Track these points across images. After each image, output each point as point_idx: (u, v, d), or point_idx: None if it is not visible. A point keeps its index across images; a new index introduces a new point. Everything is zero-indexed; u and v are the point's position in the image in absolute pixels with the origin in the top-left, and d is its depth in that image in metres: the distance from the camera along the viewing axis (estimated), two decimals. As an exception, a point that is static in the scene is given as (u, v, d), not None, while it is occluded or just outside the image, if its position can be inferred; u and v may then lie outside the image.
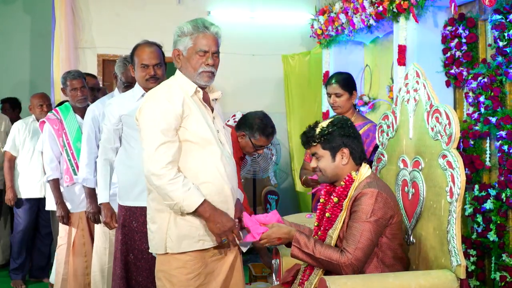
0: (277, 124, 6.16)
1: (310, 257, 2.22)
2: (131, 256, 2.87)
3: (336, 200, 2.30)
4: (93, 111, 3.46)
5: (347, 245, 2.17)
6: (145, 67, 2.88)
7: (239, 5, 6.06)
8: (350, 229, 2.19)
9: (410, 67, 2.53)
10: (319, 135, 2.31)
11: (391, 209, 2.22)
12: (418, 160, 2.41)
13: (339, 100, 3.24)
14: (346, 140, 2.30)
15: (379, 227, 2.19)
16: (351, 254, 2.14)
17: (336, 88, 3.24)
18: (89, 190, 3.40)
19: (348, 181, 2.30)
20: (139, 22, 5.79)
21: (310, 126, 2.39)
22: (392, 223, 2.24)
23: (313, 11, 5.49)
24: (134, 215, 2.86)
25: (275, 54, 6.12)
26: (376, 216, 2.17)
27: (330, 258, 2.17)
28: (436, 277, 2.14)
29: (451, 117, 2.20)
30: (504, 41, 3.07)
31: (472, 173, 3.34)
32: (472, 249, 3.32)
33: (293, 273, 2.51)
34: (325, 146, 2.31)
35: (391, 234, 2.24)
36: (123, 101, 2.99)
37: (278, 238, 2.32)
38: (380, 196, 2.19)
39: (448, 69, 3.62)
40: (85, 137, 3.43)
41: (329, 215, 2.32)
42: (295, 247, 2.26)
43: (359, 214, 2.18)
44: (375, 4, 4.04)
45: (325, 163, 2.33)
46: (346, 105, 3.26)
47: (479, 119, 3.29)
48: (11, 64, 6.57)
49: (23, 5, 6.63)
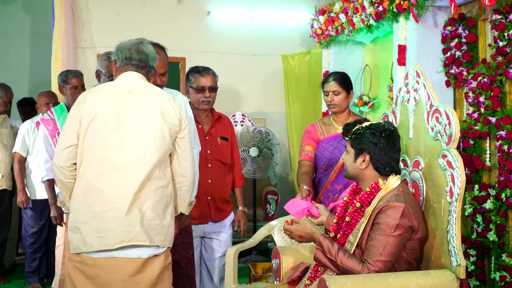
0: (277, 124, 6.26)
1: (332, 263, 2.23)
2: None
3: (359, 206, 2.29)
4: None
5: (368, 257, 2.17)
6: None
7: (239, 5, 6.06)
8: (373, 241, 2.17)
9: (410, 67, 2.53)
10: (353, 132, 2.34)
11: (415, 225, 2.19)
12: (418, 160, 2.41)
13: (337, 98, 3.24)
14: (372, 147, 2.28)
15: (402, 241, 2.18)
16: (374, 266, 2.14)
17: (334, 85, 3.24)
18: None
19: (374, 188, 2.28)
20: (139, 22, 5.79)
21: (356, 120, 2.41)
22: (414, 238, 2.22)
23: (313, 11, 5.49)
24: None
25: (275, 54, 6.13)
26: (400, 231, 2.16)
27: (351, 268, 2.17)
28: (436, 277, 2.14)
29: (451, 117, 2.20)
30: (504, 41, 3.07)
31: (472, 173, 3.34)
32: (472, 249, 3.32)
33: (299, 271, 2.51)
34: (353, 145, 2.34)
35: (410, 249, 2.23)
36: None
37: (300, 236, 2.35)
38: (407, 211, 2.17)
39: (448, 69, 3.62)
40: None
41: (349, 220, 2.31)
42: (319, 251, 2.27)
43: (382, 227, 2.16)
44: (375, 4, 4.04)
45: (349, 160, 2.36)
46: (343, 104, 3.26)
47: (479, 119, 3.29)
48: (11, 64, 6.58)
49: (23, 5, 6.63)
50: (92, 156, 2.31)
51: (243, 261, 5.06)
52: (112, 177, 2.29)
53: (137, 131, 2.34)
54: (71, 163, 2.33)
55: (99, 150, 2.30)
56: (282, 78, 6.21)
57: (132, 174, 2.30)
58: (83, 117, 2.31)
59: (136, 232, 2.27)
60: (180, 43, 5.83)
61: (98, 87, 2.51)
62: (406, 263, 2.23)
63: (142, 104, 2.37)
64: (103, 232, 2.26)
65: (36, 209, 4.58)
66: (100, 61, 3.30)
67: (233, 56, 5.97)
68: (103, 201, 2.28)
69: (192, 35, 5.99)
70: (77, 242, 2.29)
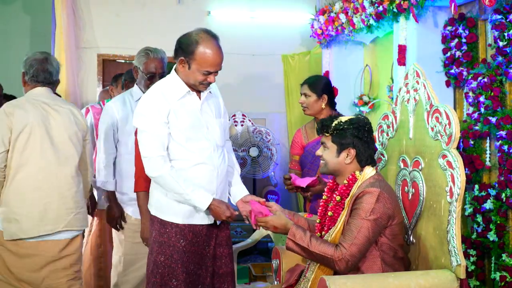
0: (277, 124, 6.25)
1: (304, 250, 2.24)
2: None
3: (339, 199, 2.32)
4: (111, 108, 3.25)
5: (343, 240, 2.19)
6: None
7: (239, 5, 6.05)
8: (349, 225, 2.21)
9: (410, 67, 2.54)
10: (334, 128, 2.34)
11: (391, 210, 2.23)
12: (418, 160, 2.41)
13: (306, 100, 3.34)
14: (357, 141, 2.32)
15: (377, 226, 2.19)
16: (346, 249, 2.16)
17: (304, 88, 3.36)
18: (109, 193, 3.25)
19: (351, 180, 2.32)
20: (139, 22, 5.79)
21: (331, 116, 2.42)
22: (393, 224, 2.24)
23: (313, 11, 5.49)
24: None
25: (275, 54, 6.12)
26: (376, 215, 2.18)
27: (324, 253, 2.18)
28: (436, 277, 2.15)
29: (451, 117, 2.21)
30: (504, 41, 3.07)
31: (472, 173, 3.34)
32: (472, 249, 3.32)
33: (296, 275, 2.51)
34: (335, 140, 2.34)
35: (391, 235, 2.25)
36: None
37: (274, 227, 2.36)
38: (382, 196, 2.20)
39: (448, 69, 3.62)
40: (102, 136, 3.25)
41: (331, 214, 2.34)
42: (290, 240, 2.28)
43: (358, 212, 2.20)
44: (375, 4, 4.04)
45: (330, 156, 2.36)
46: (314, 107, 3.34)
47: (479, 119, 3.29)
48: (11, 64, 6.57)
49: (23, 5, 6.62)
50: (25, 159, 2.79)
51: (243, 261, 5.06)
52: (45, 175, 2.82)
53: (61, 138, 2.88)
54: (4, 165, 2.79)
55: (32, 153, 2.80)
56: (282, 78, 6.20)
57: (63, 172, 2.87)
58: (14, 127, 2.77)
59: (69, 219, 2.87)
60: (180, 43, 5.82)
61: (20, 100, 2.92)
62: (391, 249, 2.25)
63: (60, 115, 2.90)
64: (41, 220, 2.80)
65: None
66: (138, 57, 3.22)
67: (233, 56, 5.95)
68: (40, 195, 2.81)
69: (192, 35, 5.98)
70: (15, 231, 2.78)
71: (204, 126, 2.54)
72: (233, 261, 2.75)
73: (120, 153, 3.26)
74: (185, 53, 2.45)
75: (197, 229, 2.55)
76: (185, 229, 2.54)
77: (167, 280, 2.51)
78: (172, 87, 2.51)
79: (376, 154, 2.76)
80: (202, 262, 2.58)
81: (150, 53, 3.16)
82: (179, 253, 2.51)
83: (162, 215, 2.56)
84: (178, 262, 2.50)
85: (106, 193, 3.30)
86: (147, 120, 2.47)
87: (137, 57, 3.21)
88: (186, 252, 2.52)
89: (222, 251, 2.64)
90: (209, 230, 2.59)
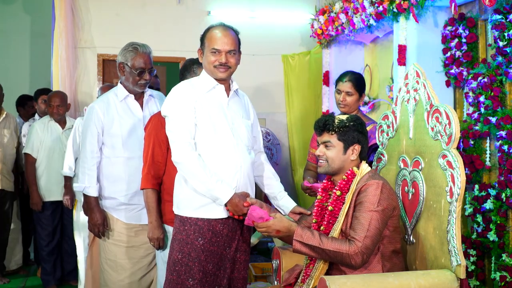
0: (277, 124, 6.25)
1: (315, 249, 2.20)
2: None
3: (339, 193, 2.32)
4: (95, 109, 3.02)
5: (355, 234, 2.17)
6: (216, 53, 2.57)
7: (239, 5, 6.06)
8: (358, 219, 2.20)
9: (410, 67, 2.53)
10: (338, 126, 2.35)
11: (394, 200, 2.27)
12: (418, 160, 2.41)
13: (349, 99, 3.21)
14: (361, 137, 2.36)
15: (385, 217, 2.21)
16: (361, 243, 2.15)
17: (348, 86, 3.20)
18: (91, 199, 2.99)
19: (350, 175, 2.33)
20: (139, 22, 5.80)
21: (327, 115, 2.42)
22: (394, 215, 2.27)
23: (313, 11, 5.49)
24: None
25: (275, 54, 6.13)
26: (383, 206, 2.20)
27: (338, 249, 2.16)
28: (436, 277, 2.14)
29: (451, 117, 2.21)
30: (504, 41, 3.07)
31: (472, 173, 3.34)
32: (472, 249, 3.33)
33: (295, 274, 2.51)
34: (341, 138, 2.35)
35: (392, 227, 2.27)
36: None
37: (277, 231, 2.31)
38: (385, 187, 2.23)
39: (448, 69, 3.62)
40: (86, 139, 3.00)
41: (332, 209, 2.33)
42: (297, 242, 2.23)
43: (365, 205, 2.20)
44: (375, 4, 4.04)
45: (335, 154, 2.36)
46: (354, 106, 3.23)
47: (479, 119, 3.29)
48: (11, 64, 6.58)
49: (23, 5, 6.63)
50: None
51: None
52: None
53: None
54: None
55: None
56: (282, 78, 6.21)
57: None
58: None
59: None
60: (180, 43, 5.83)
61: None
62: (391, 243, 2.27)
63: None
64: None
65: (47, 211, 4.55)
66: (124, 53, 3.01)
67: (233, 56, 5.96)
68: None
69: (192, 35, 5.96)
70: None
71: (229, 121, 2.57)
72: (247, 268, 2.71)
73: (107, 156, 3.02)
74: (201, 43, 2.62)
75: (217, 228, 2.52)
76: (204, 227, 2.50)
77: (184, 278, 2.48)
78: (201, 80, 2.62)
79: (376, 154, 2.76)
80: (221, 263, 2.55)
81: (139, 48, 3.01)
82: (197, 252, 2.47)
83: (179, 211, 2.55)
84: (195, 261, 2.48)
85: (87, 199, 3.02)
86: (175, 108, 2.52)
87: (123, 53, 3.02)
88: (204, 251, 2.49)
89: (239, 257, 2.63)
90: (231, 231, 2.56)
